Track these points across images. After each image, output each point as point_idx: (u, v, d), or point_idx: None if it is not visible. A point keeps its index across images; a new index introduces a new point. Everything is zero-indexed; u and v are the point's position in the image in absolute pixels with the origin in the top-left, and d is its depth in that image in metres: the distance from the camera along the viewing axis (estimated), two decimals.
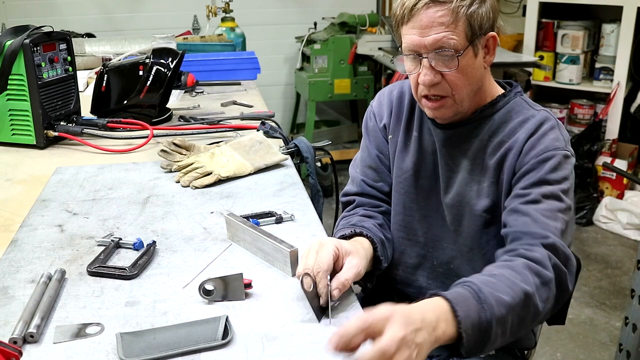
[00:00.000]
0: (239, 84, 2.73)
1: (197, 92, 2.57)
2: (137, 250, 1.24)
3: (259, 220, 1.34)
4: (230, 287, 1.07)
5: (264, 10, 4.77)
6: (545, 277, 1.07)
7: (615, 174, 3.80)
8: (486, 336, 0.99)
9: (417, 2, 1.18)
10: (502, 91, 1.32)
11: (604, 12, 3.97)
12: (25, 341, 0.95)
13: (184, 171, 1.61)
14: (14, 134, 1.89)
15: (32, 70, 1.80)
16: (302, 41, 4.68)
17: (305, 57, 4.71)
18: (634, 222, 3.60)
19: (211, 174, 1.58)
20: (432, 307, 0.95)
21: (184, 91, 2.58)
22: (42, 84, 1.84)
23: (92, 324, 1.00)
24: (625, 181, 3.83)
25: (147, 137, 1.87)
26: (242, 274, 1.07)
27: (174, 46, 2.57)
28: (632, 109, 3.87)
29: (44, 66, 1.85)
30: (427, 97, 1.26)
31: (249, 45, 3.71)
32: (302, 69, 4.76)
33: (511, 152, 1.23)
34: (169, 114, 2.17)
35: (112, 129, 1.97)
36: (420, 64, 1.22)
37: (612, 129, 3.86)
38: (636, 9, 3.62)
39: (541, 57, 4.06)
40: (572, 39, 3.98)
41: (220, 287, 1.06)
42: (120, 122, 1.98)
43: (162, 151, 1.69)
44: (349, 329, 0.86)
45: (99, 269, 1.15)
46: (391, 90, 1.45)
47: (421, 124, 1.38)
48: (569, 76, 4.03)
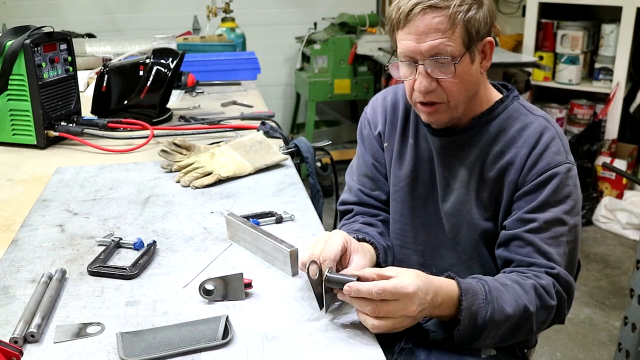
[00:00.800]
0: (239, 84, 2.73)
1: (197, 92, 2.58)
2: (137, 250, 1.24)
3: (259, 220, 1.35)
4: (230, 287, 1.07)
5: (264, 10, 4.78)
6: (548, 302, 1.14)
7: (614, 174, 3.81)
8: (478, 333, 1.08)
9: (413, 7, 1.15)
10: (499, 96, 1.31)
11: (604, 12, 3.97)
12: (26, 341, 0.96)
13: (184, 171, 1.61)
14: (14, 134, 1.90)
15: (32, 70, 1.81)
16: (302, 41, 4.69)
17: (305, 57, 4.71)
18: (634, 222, 3.61)
19: (211, 174, 1.58)
20: (446, 290, 1.05)
21: (184, 91, 2.58)
22: (43, 84, 1.85)
23: (92, 323, 1.00)
24: (624, 181, 3.83)
25: (147, 137, 1.87)
26: (242, 274, 1.08)
27: (174, 46, 2.57)
28: (632, 109, 3.87)
29: (44, 66, 1.85)
30: (422, 103, 1.25)
31: (249, 45, 3.71)
32: (302, 69, 4.76)
33: (512, 167, 1.23)
34: (169, 114, 2.17)
35: (113, 129, 1.97)
36: (416, 70, 1.20)
37: (612, 129, 3.86)
38: (636, 9, 3.62)
39: (541, 58, 4.06)
40: (571, 39, 3.99)
41: (220, 287, 1.07)
42: (120, 122, 1.98)
43: (163, 151, 1.70)
44: (366, 288, 0.95)
45: (100, 269, 1.15)
46: (384, 96, 1.44)
47: (417, 130, 1.36)
48: (569, 76, 4.04)
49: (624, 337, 1.92)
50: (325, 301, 1.02)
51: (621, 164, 3.78)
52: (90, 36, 3.61)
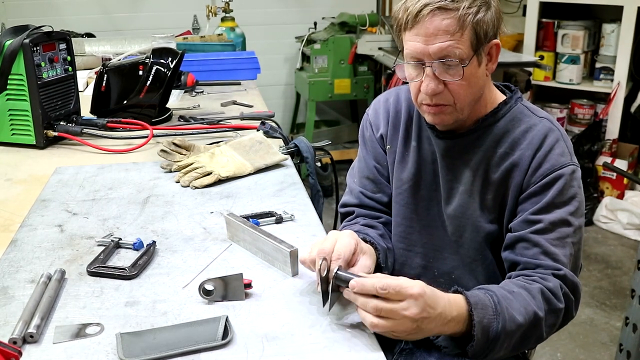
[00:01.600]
0: (239, 84, 2.73)
1: (197, 92, 2.57)
2: (137, 250, 1.23)
3: (259, 220, 1.34)
4: (230, 287, 1.07)
5: (264, 10, 4.77)
6: (556, 306, 1.13)
7: (615, 174, 3.80)
8: (492, 346, 1.06)
9: (422, 9, 1.13)
10: (502, 98, 1.30)
11: (604, 12, 3.97)
12: (25, 341, 0.95)
13: (184, 171, 1.61)
14: (13, 134, 1.89)
15: (31, 70, 1.80)
16: (302, 41, 4.68)
17: (305, 57, 4.71)
18: (634, 222, 3.60)
19: (211, 174, 1.58)
20: (455, 306, 1.02)
21: (183, 91, 2.58)
22: (42, 83, 1.84)
23: (92, 324, 1.00)
24: (625, 181, 3.83)
25: (147, 137, 1.87)
26: (242, 274, 1.07)
27: (173, 46, 2.57)
28: (633, 109, 3.87)
29: (43, 66, 1.85)
30: (428, 104, 1.23)
31: (249, 45, 3.70)
32: (302, 69, 4.76)
33: (517, 168, 1.22)
34: (168, 114, 2.17)
35: (112, 129, 1.97)
36: (423, 71, 1.19)
37: (613, 129, 3.85)
38: (636, 9, 3.62)
39: (541, 57, 4.06)
40: (572, 38, 3.98)
41: (220, 287, 1.06)
42: (120, 122, 1.98)
43: (162, 151, 1.69)
44: (369, 285, 0.95)
45: (99, 269, 1.15)
46: (387, 98, 1.42)
47: (420, 132, 1.35)
48: (569, 76, 4.03)
49: (625, 337, 1.92)
50: (330, 299, 1.01)
51: (622, 164, 3.77)
52: (89, 36, 3.61)
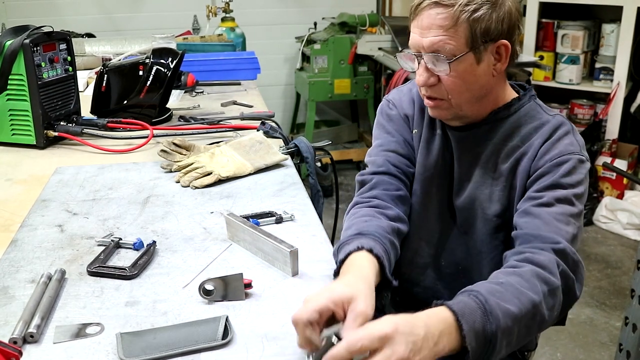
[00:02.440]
0: (239, 84, 2.73)
1: (197, 92, 2.57)
2: (137, 250, 1.24)
3: (259, 220, 1.34)
4: (230, 287, 1.07)
5: (264, 10, 4.77)
6: (552, 284, 1.04)
7: (615, 174, 3.80)
8: (491, 347, 0.96)
9: (422, 1, 1.17)
10: (516, 95, 1.31)
11: (604, 12, 3.97)
12: (25, 341, 0.95)
13: (184, 171, 1.61)
14: (14, 134, 1.89)
15: (32, 70, 1.80)
16: (302, 41, 4.68)
17: (305, 57, 4.71)
18: (634, 222, 3.60)
19: (211, 174, 1.58)
20: (437, 320, 0.92)
21: (184, 91, 2.58)
22: (42, 84, 1.84)
23: (92, 324, 1.00)
24: (625, 181, 3.83)
25: (147, 137, 1.87)
26: (242, 274, 1.07)
27: (174, 46, 2.57)
28: (632, 109, 3.87)
29: (44, 66, 1.85)
30: (426, 96, 1.26)
31: (249, 45, 3.70)
32: (302, 69, 4.76)
33: (526, 156, 1.22)
34: (169, 114, 2.17)
35: (112, 129, 1.97)
36: (419, 62, 1.22)
37: (612, 129, 3.85)
38: (636, 9, 3.62)
39: (541, 57, 4.06)
40: (572, 39, 3.98)
41: (220, 287, 1.06)
42: (120, 122, 1.98)
43: (162, 151, 1.69)
44: (340, 353, 0.83)
45: (99, 269, 1.15)
46: (410, 88, 1.43)
47: (443, 123, 1.35)
48: (569, 76, 4.03)
49: (625, 337, 1.92)
50: None
51: (622, 164, 3.77)
52: (89, 36, 3.61)
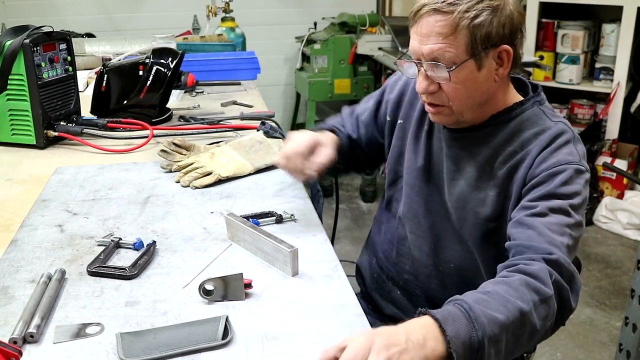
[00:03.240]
0: (239, 84, 2.73)
1: (197, 92, 2.57)
2: (137, 250, 1.24)
3: (259, 220, 1.34)
4: (230, 287, 1.07)
5: (264, 10, 4.77)
6: (544, 294, 1.01)
7: (615, 174, 3.80)
8: (479, 355, 0.93)
9: (421, 8, 1.16)
10: (520, 99, 1.28)
11: (604, 12, 3.97)
12: (25, 341, 0.95)
13: (184, 171, 1.61)
14: (14, 134, 1.89)
15: (32, 70, 1.80)
16: (302, 41, 4.68)
17: (305, 57, 4.71)
18: (634, 222, 3.60)
19: (211, 174, 1.58)
20: (419, 326, 0.91)
21: (184, 91, 2.58)
22: (42, 84, 1.84)
23: (92, 324, 1.00)
24: (625, 181, 3.83)
25: (147, 137, 1.87)
26: (242, 274, 1.07)
27: (174, 46, 2.57)
28: (632, 109, 3.87)
29: (44, 66, 1.85)
30: (427, 103, 1.25)
31: (249, 45, 3.70)
32: (302, 69, 4.76)
33: (523, 163, 1.20)
34: (169, 114, 2.17)
35: (112, 129, 1.97)
36: (418, 70, 1.21)
37: (612, 129, 3.85)
38: (636, 9, 3.62)
39: (541, 57, 4.06)
40: (572, 39, 3.98)
41: (220, 287, 1.06)
42: (120, 122, 1.98)
43: (162, 151, 1.69)
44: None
45: (99, 269, 1.15)
46: (399, 75, 1.46)
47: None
48: (569, 76, 4.03)
49: (625, 337, 1.92)
50: None
51: (622, 164, 3.77)
52: (89, 36, 3.61)
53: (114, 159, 1.79)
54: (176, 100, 2.44)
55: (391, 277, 1.47)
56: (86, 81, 2.64)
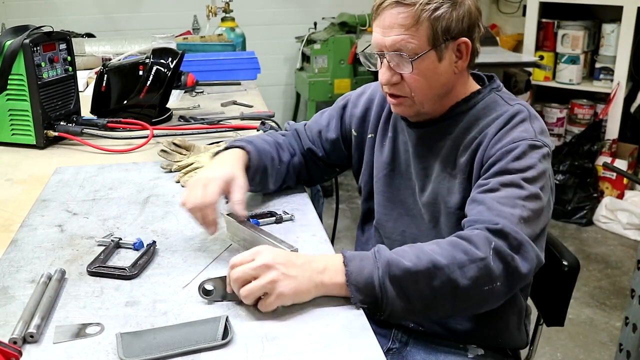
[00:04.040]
0: (239, 84, 2.73)
1: (197, 92, 2.57)
2: (137, 250, 1.24)
3: (259, 220, 1.34)
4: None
5: (264, 10, 4.77)
6: (473, 254, 1.04)
7: (615, 174, 3.80)
8: (382, 293, 1.02)
9: (383, 1, 1.20)
10: (478, 88, 1.32)
11: (604, 12, 3.97)
12: (25, 341, 0.95)
13: (184, 171, 1.61)
14: (14, 134, 1.89)
15: (32, 70, 1.80)
16: (302, 41, 4.68)
17: (305, 57, 4.71)
18: (634, 222, 3.60)
19: None
20: (328, 258, 1.06)
21: (184, 91, 2.58)
22: (42, 84, 1.84)
23: (92, 324, 1.00)
24: (625, 181, 3.83)
25: (147, 137, 1.87)
26: None
27: (174, 46, 2.57)
28: (632, 109, 3.87)
29: (44, 66, 1.85)
30: (389, 94, 1.29)
31: (249, 45, 3.70)
32: (302, 69, 4.76)
33: (481, 146, 1.23)
34: (169, 114, 2.17)
35: (112, 129, 1.97)
36: (381, 62, 1.25)
37: (612, 129, 3.86)
38: (636, 9, 3.62)
39: (541, 57, 4.06)
40: (572, 39, 3.98)
41: (220, 287, 1.06)
42: (120, 122, 1.98)
43: (162, 151, 1.69)
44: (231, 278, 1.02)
45: (99, 269, 1.15)
46: (361, 92, 1.50)
47: (396, 123, 1.39)
48: (569, 76, 4.03)
49: (625, 337, 1.92)
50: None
51: (622, 164, 3.77)
52: (89, 36, 3.61)
53: (114, 159, 1.79)
54: (176, 100, 2.44)
55: None
56: (86, 81, 2.64)
